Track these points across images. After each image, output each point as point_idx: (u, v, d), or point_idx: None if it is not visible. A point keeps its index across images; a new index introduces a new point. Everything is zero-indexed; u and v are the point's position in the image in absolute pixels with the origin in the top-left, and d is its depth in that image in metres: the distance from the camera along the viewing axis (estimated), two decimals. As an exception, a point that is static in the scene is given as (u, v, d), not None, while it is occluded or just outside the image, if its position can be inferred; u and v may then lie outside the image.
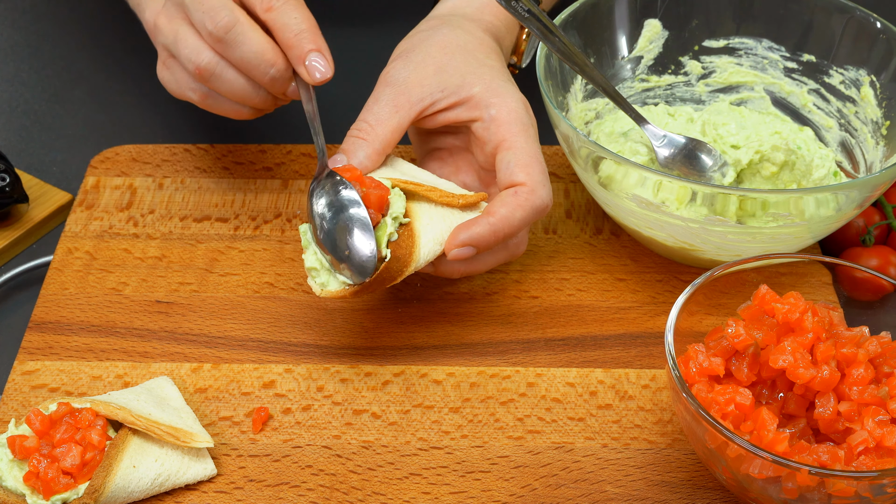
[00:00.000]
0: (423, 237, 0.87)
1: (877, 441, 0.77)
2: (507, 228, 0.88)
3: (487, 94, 0.92)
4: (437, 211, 0.89)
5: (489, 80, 0.92)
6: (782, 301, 0.82)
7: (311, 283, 0.87)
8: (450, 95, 0.92)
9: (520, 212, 0.88)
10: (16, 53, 1.29)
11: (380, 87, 0.93)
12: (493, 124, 0.91)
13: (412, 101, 0.92)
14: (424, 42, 0.95)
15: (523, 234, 0.93)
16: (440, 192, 0.89)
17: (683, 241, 0.96)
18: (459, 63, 0.93)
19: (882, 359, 0.82)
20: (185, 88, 0.94)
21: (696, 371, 0.81)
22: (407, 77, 0.92)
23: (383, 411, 0.90)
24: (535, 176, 0.89)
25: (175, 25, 0.91)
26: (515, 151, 0.90)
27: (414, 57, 0.94)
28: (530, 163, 0.90)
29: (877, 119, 1.04)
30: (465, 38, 0.95)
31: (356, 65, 1.24)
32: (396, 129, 0.92)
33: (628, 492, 0.85)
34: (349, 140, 0.91)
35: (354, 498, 0.84)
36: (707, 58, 1.11)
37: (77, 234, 1.04)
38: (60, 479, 0.80)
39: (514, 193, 0.89)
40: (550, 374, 0.93)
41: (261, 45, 0.89)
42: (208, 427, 0.88)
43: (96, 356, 0.93)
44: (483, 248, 0.88)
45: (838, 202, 0.91)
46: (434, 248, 0.87)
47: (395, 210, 0.86)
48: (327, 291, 0.86)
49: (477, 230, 0.87)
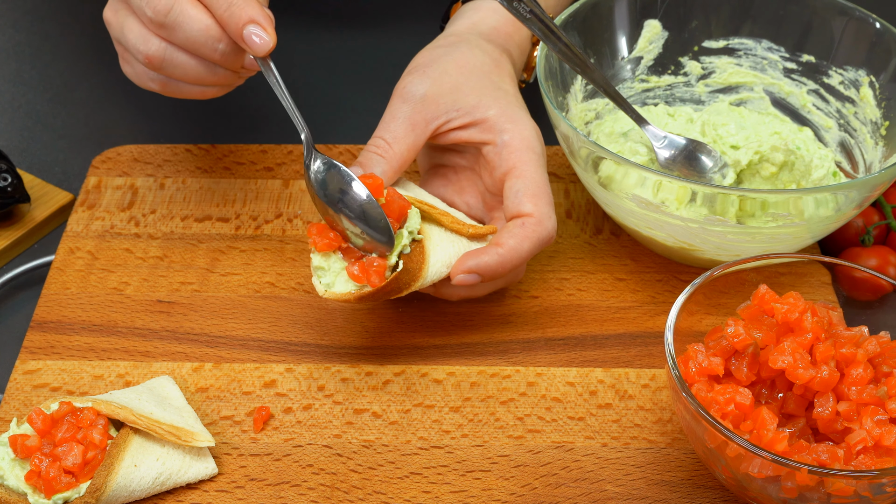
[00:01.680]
0: (433, 257, 0.88)
1: (875, 440, 0.77)
2: (515, 260, 0.89)
3: (502, 120, 0.92)
4: (447, 235, 0.90)
5: (504, 105, 0.93)
6: (782, 301, 0.82)
7: (316, 283, 0.87)
8: (464, 115, 0.93)
9: (527, 244, 0.89)
10: (18, 54, 1.29)
11: (396, 103, 0.93)
12: (506, 150, 0.92)
13: (428, 119, 0.92)
14: (442, 58, 0.95)
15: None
16: (451, 217, 0.90)
17: (683, 241, 0.96)
18: (475, 84, 0.93)
19: (881, 358, 0.82)
20: (145, 79, 0.91)
21: (695, 371, 0.82)
22: (424, 94, 0.93)
23: (384, 410, 0.90)
24: (542, 207, 0.90)
25: (120, 18, 0.89)
26: (525, 180, 0.91)
27: (431, 72, 0.94)
28: (538, 193, 0.90)
29: (876, 119, 1.04)
30: (483, 58, 0.96)
31: (356, 65, 1.25)
32: (412, 147, 0.92)
33: (628, 491, 0.85)
34: (366, 155, 0.92)
35: (355, 497, 0.84)
36: (707, 58, 1.11)
37: (79, 234, 1.04)
38: (62, 478, 0.80)
39: (521, 225, 0.89)
40: (550, 373, 0.93)
41: (203, 22, 0.85)
42: (209, 426, 0.89)
43: (98, 356, 0.94)
44: (488, 278, 0.89)
45: (837, 202, 0.92)
46: (441, 270, 0.88)
47: (411, 224, 0.87)
48: (332, 293, 0.86)
49: (485, 259, 0.88)
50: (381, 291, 0.85)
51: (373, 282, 0.85)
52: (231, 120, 1.19)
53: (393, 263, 0.85)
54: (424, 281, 0.88)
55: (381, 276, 0.85)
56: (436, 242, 0.88)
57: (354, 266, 0.85)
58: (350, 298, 0.85)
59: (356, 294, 0.85)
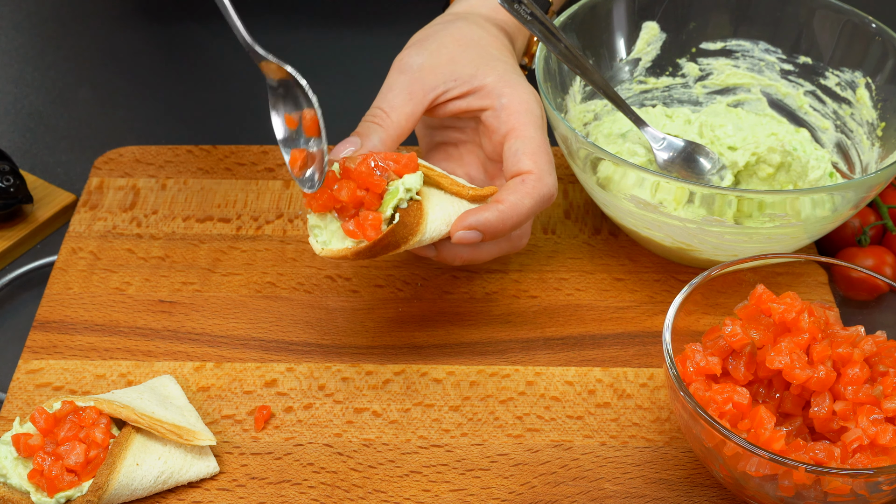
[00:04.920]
0: (432, 214, 0.86)
1: (871, 439, 0.77)
2: (516, 216, 0.87)
3: (500, 84, 0.91)
4: (447, 197, 0.88)
5: (502, 71, 0.92)
6: (779, 301, 0.82)
7: (313, 242, 0.85)
8: (462, 84, 0.92)
9: (528, 200, 0.87)
10: (20, 55, 1.29)
11: (393, 75, 0.93)
12: (504, 112, 0.91)
13: (425, 89, 0.92)
14: (439, 33, 0.95)
15: (527, 225, 0.93)
16: (451, 180, 0.89)
17: (681, 242, 0.96)
18: (473, 55, 0.93)
19: (877, 358, 0.82)
20: None
21: (693, 370, 0.82)
22: (421, 65, 0.92)
23: (384, 410, 0.91)
24: (542, 165, 0.89)
25: None
26: (524, 140, 0.89)
27: (428, 45, 0.93)
28: (538, 151, 0.89)
29: (872, 120, 1.04)
30: (480, 32, 0.95)
31: (356, 66, 1.25)
32: (411, 116, 0.91)
33: (626, 489, 0.85)
34: (364, 125, 0.91)
35: (355, 495, 0.85)
36: (704, 60, 1.12)
37: (81, 235, 1.04)
38: (64, 477, 0.80)
39: (521, 182, 0.88)
40: (549, 372, 0.93)
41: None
42: (211, 425, 0.89)
43: (100, 355, 0.94)
44: (489, 236, 0.87)
45: (834, 203, 0.92)
46: (440, 228, 0.86)
47: (411, 181, 0.84)
48: (328, 250, 0.84)
49: (486, 215, 0.86)
50: (378, 245, 0.83)
51: (369, 235, 0.82)
52: (232, 121, 1.19)
53: (388, 216, 0.83)
54: (423, 237, 0.85)
55: (376, 229, 0.83)
56: (435, 202, 0.86)
57: (350, 222, 0.83)
58: (347, 255, 0.83)
59: (353, 249, 0.83)
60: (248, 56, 0.87)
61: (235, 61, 1.29)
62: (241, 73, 1.27)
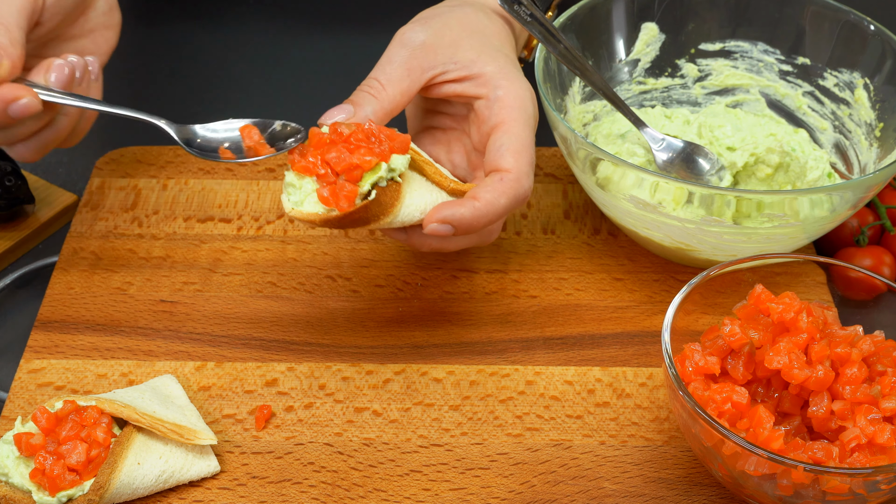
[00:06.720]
0: (409, 198, 0.85)
1: (869, 438, 0.78)
2: (490, 214, 0.86)
3: (498, 76, 0.91)
4: (426, 184, 0.88)
5: (502, 63, 0.92)
6: (777, 301, 0.82)
7: (285, 200, 0.85)
8: (461, 68, 0.91)
9: (503, 199, 0.87)
10: (20, 56, 1.30)
11: (394, 48, 0.92)
12: (497, 104, 0.90)
13: (424, 66, 0.91)
14: (446, 14, 0.94)
15: (498, 221, 0.92)
16: (435, 168, 0.88)
17: (680, 242, 0.97)
18: (476, 42, 0.93)
19: (875, 357, 0.82)
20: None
21: (692, 370, 0.82)
22: (423, 42, 0.91)
23: (384, 409, 0.91)
24: (522, 165, 0.88)
25: None
26: (511, 136, 0.89)
27: (433, 24, 0.93)
28: (521, 150, 0.89)
29: (870, 121, 1.04)
30: (485, 21, 0.95)
31: (348, 68, 1.25)
32: (406, 92, 0.90)
33: (625, 488, 0.86)
34: (359, 94, 0.90)
35: (356, 494, 0.85)
36: (703, 61, 1.12)
37: (82, 235, 1.05)
38: (66, 476, 0.80)
39: (499, 180, 0.88)
40: (549, 372, 0.94)
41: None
42: (212, 424, 0.89)
43: (101, 355, 0.94)
44: (461, 231, 0.86)
45: (832, 203, 0.92)
46: (414, 214, 0.86)
47: (397, 161, 0.84)
48: (298, 211, 0.83)
49: (461, 211, 0.85)
50: (348, 218, 0.83)
51: (341, 206, 0.82)
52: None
53: (365, 191, 0.83)
54: (395, 219, 0.85)
55: (350, 201, 0.82)
56: (415, 187, 0.86)
57: (325, 189, 0.82)
58: (315, 220, 0.83)
59: (322, 216, 0.83)
60: (248, 56, 0.88)
61: (235, 62, 1.30)
62: (242, 73, 1.28)
